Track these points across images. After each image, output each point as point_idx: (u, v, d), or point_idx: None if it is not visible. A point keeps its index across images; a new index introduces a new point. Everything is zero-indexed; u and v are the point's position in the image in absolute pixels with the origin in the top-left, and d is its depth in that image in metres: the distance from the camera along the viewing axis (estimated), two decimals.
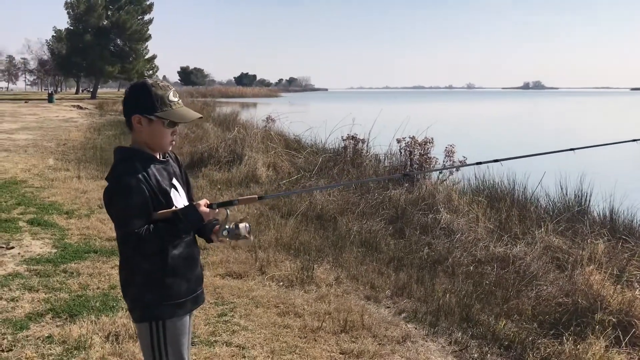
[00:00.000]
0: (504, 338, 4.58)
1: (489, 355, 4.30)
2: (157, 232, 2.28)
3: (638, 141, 3.62)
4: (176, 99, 2.39)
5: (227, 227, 2.45)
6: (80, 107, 38.14)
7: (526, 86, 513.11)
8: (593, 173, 9.04)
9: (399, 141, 10.31)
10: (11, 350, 3.85)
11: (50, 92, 55.45)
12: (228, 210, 2.49)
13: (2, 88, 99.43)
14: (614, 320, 4.67)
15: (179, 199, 2.45)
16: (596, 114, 56.51)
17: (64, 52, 59.66)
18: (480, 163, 3.24)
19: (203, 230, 2.54)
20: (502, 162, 3.09)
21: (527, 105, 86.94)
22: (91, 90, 65.74)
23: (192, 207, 2.36)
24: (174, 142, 2.46)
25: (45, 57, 73.18)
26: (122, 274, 2.47)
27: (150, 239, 2.27)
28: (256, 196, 2.60)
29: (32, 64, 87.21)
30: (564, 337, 4.48)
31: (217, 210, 2.43)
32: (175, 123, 2.38)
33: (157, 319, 2.42)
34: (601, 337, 4.34)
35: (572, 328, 4.67)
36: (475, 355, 4.29)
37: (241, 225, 2.44)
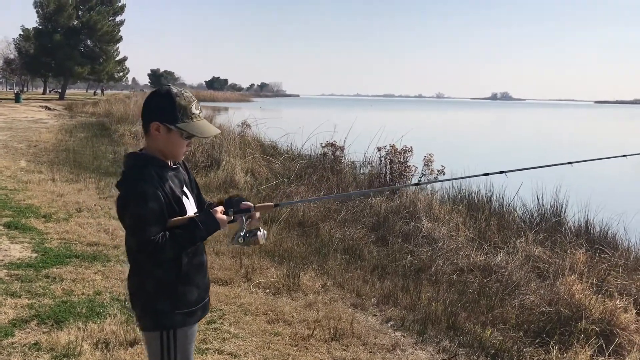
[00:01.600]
0: (491, 346, 4.65)
1: None
2: (174, 239, 2.26)
3: (627, 156, 3.73)
4: (198, 112, 2.37)
5: (242, 234, 2.45)
6: (48, 108, 37.36)
7: (494, 97, 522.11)
8: (568, 185, 9.26)
9: (379, 149, 10.39)
10: None
11: (17, 91, 54.23)
12: (244, 217, 2.48)
13: None
14: (597, 329, 4.78)
15: (190, 207, 2.44)
16: (567, 125, 57.82)
17: (31, 51, 58.40)
18: (487, 174, 3.30)
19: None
20: (506, 173, 3.15)
21: (498, 115, 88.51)
22: (59, 90, 64.47)
23: (209, 214, 2.35)
24: (186, 153, 2.45)
25: (12, 56, 71.43)
26: (133, 282, 2.43)
27: (167, 246, 2.24)
28: (272, 204, 2.61)
29: None
30: (550, 346, 4.57)
31: (232, 217, 2.42)
32: (192, 135, 2.35)
33: (168, 328, 2.39)
34: (586, 346, 4.44)
35: (556, 337, 4.77)
36: None
37: (259, 233, 2.45)
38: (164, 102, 2.32)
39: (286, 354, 4.15)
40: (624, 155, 3.76)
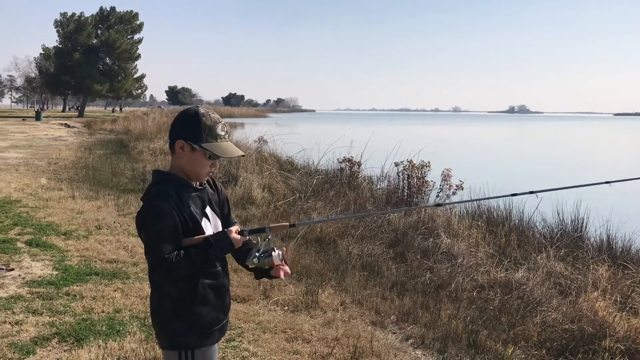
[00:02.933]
0: None
1: None
2: (188, 258, 2.26)
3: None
4: (223, 133, 2.38)
5: (256, 254, 2.43)
6: (68, 126, 37.93)
7: (511, 110, 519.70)
8: (588, 199, 9.14)
9: (396, 165, 10.36)
10: None
11: (37, 109, 55.16)
12: (259, 238, 2.48)
13: None
14: (622, 347, 4.69)
15: (209, 228, 2.43)
16: (589, 138, 57.31)
17: (52, 70, 59.55)
18: (515, 195, 3.26)
19: (236, 253, 2.52)
20: (537, 193, 3.09)
21: (515, 128, 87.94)
22: (79, 107, 65.46)
23: (223, 234, 2.35)
24: (210, 174, 2.46)
25: (33, 75, 72.83)
26: (152, 300, 2.45)
27: (180, 265, 2.24)
28: (287, 223, 2.60)
29: (19, 81, 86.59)
30: None
31: (247, 237, 2.42)
32: (217, 156, 2.36)
33: (185, 348, 2.39)
34: None
35: (580, 355, 4.68)
36: None
37: (275, 253, 2.41)
38: (190, 121, 2.35)
39: None
40: None
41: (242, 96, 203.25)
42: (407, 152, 11.01)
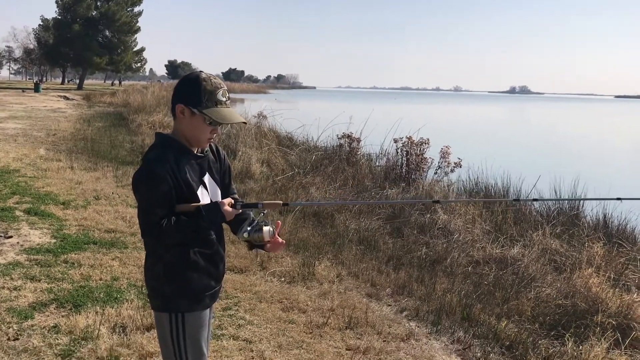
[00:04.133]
0: (506, 338, 4.63)
1: (491, 354, 4.34)
2: (178, 225, 2.27)
3: None
4: (224, 99, 2.35)
5: (248, 228, 2.44)
6: (67, 98, 37.73)
7: (512, 90, 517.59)
8: (586, 178, 9.17)
9: (395, 141, 10.36)
10: (17, 339, 3.81)
11: (36, 81, 54.81)
12: (252, 212, 2.49)
13: None
14: (613, 322, 4.75)
15: (206, 196, 2.42)
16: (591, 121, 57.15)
17: (51, 41, 59.02)
18: (517, 200, 3.25)
19: (230, 223, 2.53)
20: (539, 201, 3.06)
21: (516, 109, 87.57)
22: (77, 79, 65.14)
23: (215, 205, 2.35)
24: (212, 140, 2.45)
25: (32, 46, 72.19)
26: (146, 263, 2.47)
27: (171, 231, 2.26)
28: (281, 202, 2.57)
29: (17, 53, 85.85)
30: (565, 338, 4.54)
31: (240, 210, 2.42)
32: (217, 122, 2.35)
33: (176, 311, 2.42)
34: (602, 339, 4.40)
35: (572, 329, 4.74)
36: (479, 355, 4.33)
37: (265, 228, 2.41)
38: (191, 85, 2.33)
39: (301, 341, 4.17)
40: None
41: (242, 72, 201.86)
42: (407, 130, 10.98)
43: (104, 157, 12.10)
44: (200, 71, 2.43)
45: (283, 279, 5.54)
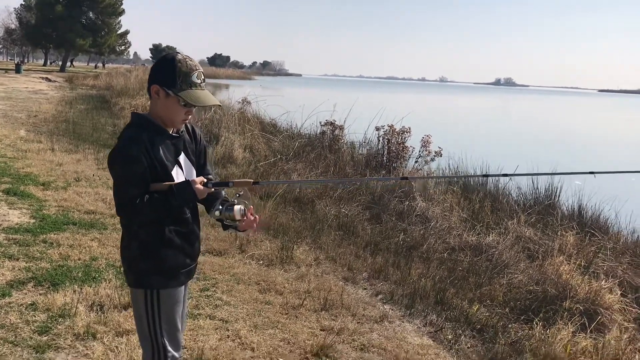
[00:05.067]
0: (477, 322, 4.76)
1: (462, 337, 4.47)
2: (151, 203, 2.32)
3: None
4: (199, 81, 2.38)
5: (220, 207, 2.48)
6: (49, 80, 37.25)
7: (497, 82, 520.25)
8: (564, 168, 9.34)
9: (377, 129, 10.44)
10: None
11: (18, 62, 53.94)
12: (224, 191, 2.54)
13: None
14: (581, 308, 4.90)
15: (181, 175, 2.47)
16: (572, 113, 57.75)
17: (33, 22, 58.06)
18: (487, 175, 3.35)
19: (204, 203, 2.58)
20: (511, 177, 3.15)
21: (504, 101, 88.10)
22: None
23: (186, 184, 2.39)
24: (187, 122, 2.49)
25: (13, 26, 71.01)
26: (122, 240, 2.52)
27: (144, 209, 2.31)
28: (251, 180, 2.59)
29: None
30: (534, 323, 4.68)
31: (212, 189, 2.47)
32: (191, 104, 2.38)
33: (151, 288, 2.48)
34: (569, 324, 4.55)
35: (541, 314, 4.89)
36: (450, 337, 4.45)
37: (236, 207, 2.45)
38: (165, 66, 2.36)
39: (276, 321, 4.26)
40: None
41: (228, 57, 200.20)
42: (390, 119, 11.05)
43: (86, 140, 12.03)
44: (177, 52, 2.46)
45: (261, 262, 5.62)
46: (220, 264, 5.37)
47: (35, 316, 3.89)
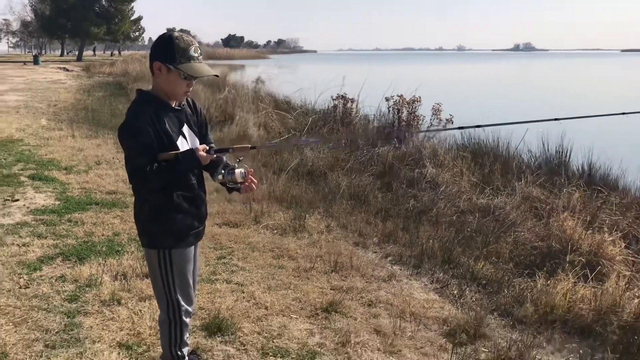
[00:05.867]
0: (482, 277, 4.96)
1: (467, 291, 4.67)
2: (159, 171, 2.56)
3: (627, 114, 3.83)
4: (197, 55, 2.61)
5: (222, 171, 2.73)
6: (67, 69, 37.80)
7: (516, 48, 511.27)
8: (574, 130, 9.38)
9: (387, 100, 10.57)
10: (28, 287, 4.16)
11: (35, 53, 54.68)
12: (225, 157, 2.77)
13: None
14: (583, 260, 5.06)
15: (186, 145, 2.70)
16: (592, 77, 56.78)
17: (47, 13, 58.64)
18: (462, 128, 3.51)
19: (208, 170, 2.82)
20: (484, 127, 3.32)
21: (521, 67, 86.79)
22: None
23: (191, 152, 2.63)
24: (188, 94, 2.72)
25: (29, 19, 71.80)
26: (135, 206, 2.79)
27: (152, 177, 2.55)
28: (249, 145, 2.84)
29: (15, 26, 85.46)
30: (537, 276, 4.86)
31: (214, 155, 2.69)
32: (191, 76, 2.60)
33: (163, 248, 2.74)
34: (570, 275, 4.72)
35: (545, 268, 5.06)
36: (455, 292, 4.66)
37: (237, 170, 2.70)
38: (165, 44, 2.58)
39: (289, 283, 4.52)
40: (623, 113, 3.84)
41: (242, 37, 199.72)
42: (404, 91, 11.15)
43: (105, 126, 12.36)
44: (173, 29, 2.69)
45: (275, 231, 5.87)
46: (236, 234, 5.64)
47: (64, 286, 4.19)
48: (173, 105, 2.70)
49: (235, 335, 3.61)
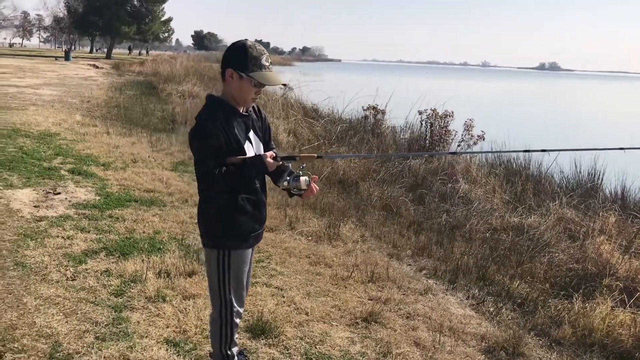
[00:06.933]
0: (518, 296, 4.97)
1: (503, 309, 4.68)
2: (228, 174, 2.64)
3: None
4: (267, 64, 2.71)
5: (288, 178, 2.81)
6: (97, 67, 38.35)
7: (542, 67, 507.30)
8: (606, 154, 9.31)
9: (420, 113, 10.60)
10: (75, 280, 4.27)
11: (66, 49, 55.59)
12: (290, 164, 2.85)
13: (16, 44, 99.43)
14: (620, 285, 5.05)
15: (251, 150, 2.79)
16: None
17: (80, 10, 59.66)
18: (528, 151, 3.52)
19: (271, 175, 2.89)
20: (549, 152, 3.32)
21: (548, 86, 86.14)
22: (106, 50, 65.98)
23: (259, 157, 2.72)
24: (256, 100, 2.80)
25: (61, 15, 73.13)
26: (200, 204, 2.86)
27: (221, 179, 2.63)
28: (315, 155, 2.93)
29: (47, 21, 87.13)
30: (574, 298, 4.86)
31: (280, 162, 2.77)
32: (261, 84, 2.70)
33: (224, 248, 2.81)
34: (608, 299, 4.71)
35: (581, 290, 5.05)
36: (491, 309, 4.68)
37: (302, 178, 2.78)
38: (238, 52, 2.68)
39: (327, 290, 4.57)
40: None
41: (268, 43, 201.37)
42: (432, 104, 11.18)
43: (137, 124, 12.56)
44: (245, 39, 2.78)
45: (310, 238, 5.93)
46: (272, 238, 5.71)
47: (110, 281, 4.29)
48: (241, 111, 2.78)
49: (279, 339, 3.67)
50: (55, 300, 3.88)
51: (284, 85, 2.86)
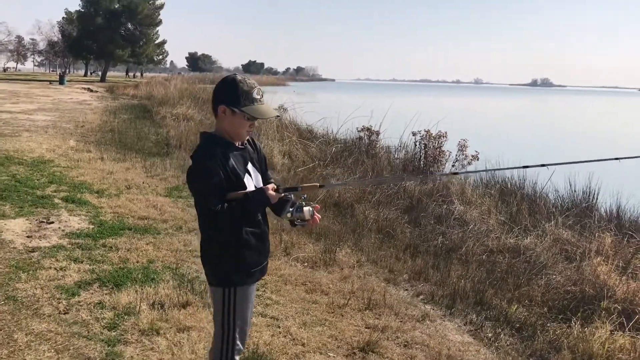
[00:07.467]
0: (516, 321, 4.93)
1: (502, 335, 4.64)
2: (230, 210, 2.62)
3: None
4: (259, 97, 2.70)
5: (291, 209, 2.79)
6: (91, 90, 38.45)
7: (534, 83, 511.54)
8: (601, 172, 9.34)
9: (414, 134, 10.64)
10: (67, 313, 4.21)
11: (61, 73, 55.78)
12: (292, 195, 2.83)
13: (10, 68, 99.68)
14: (619, 307, 5.02)
15: (251, 183, 2.77)
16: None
17: (74, 34, 59.98)
18: (527, 167, 3.52)
19: (273, 206, 2.87)
20: (547, 166, 3.32)
21: (541, 103, 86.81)
22: (100, 73, 66.23)
23: (261, 191, 2.70)
24: (250, 133, 2.79)
25: (55, 39, 73.56)
26: (203, 244, 2.83)
27: (224, 216, 2.61)
28: (317, 184, 2.93)
29: (41, 45, 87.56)
30: (572, 322, 4.82)
31: (282, 194, 2.76)
32: (254, 117, 2.69)
33: (229, 286, 2.77)
34: (607, 322, 4.68)
35: (579, 314, 5.02)
36: (490, 335, 4.63)
37: (305, 209, 2.77)
38: (229, 88, 2.68)
39: (323, 319, 4.52)
40: None
41: (262, 64, 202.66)
42: (426, 123, 11.23)
43: (131, 149, 12.53)
44: (235, 74, 2.78)
45: (306, 264, 5.89)
46: (268, 265, 5.65)
47: (103, 313, 4.23)
48: (236, 145, 2.77)
49: None
50: (47, 336, 3.82)
51: (277, 116, 2.84)
